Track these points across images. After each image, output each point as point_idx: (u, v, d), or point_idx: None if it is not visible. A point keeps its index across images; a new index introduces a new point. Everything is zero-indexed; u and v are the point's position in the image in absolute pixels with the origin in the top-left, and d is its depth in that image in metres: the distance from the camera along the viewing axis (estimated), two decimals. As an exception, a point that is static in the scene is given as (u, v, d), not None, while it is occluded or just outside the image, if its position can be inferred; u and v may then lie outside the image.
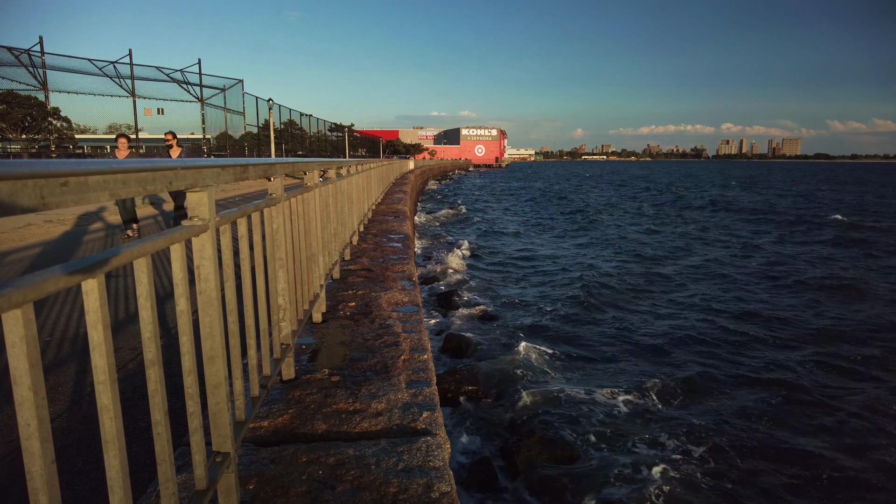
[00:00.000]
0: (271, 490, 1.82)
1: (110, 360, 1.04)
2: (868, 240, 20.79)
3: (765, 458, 5.98)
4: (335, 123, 52.59)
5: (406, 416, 2.33)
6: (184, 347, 1.44)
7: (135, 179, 1.13)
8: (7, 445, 2.73)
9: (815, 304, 12.04)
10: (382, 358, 3.00)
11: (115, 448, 1.04)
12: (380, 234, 7.93)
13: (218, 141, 27.74)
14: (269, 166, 2.31)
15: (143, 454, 2.44)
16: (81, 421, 2.94)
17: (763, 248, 19.26)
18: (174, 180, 1.34)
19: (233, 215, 1.79)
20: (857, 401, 7.30)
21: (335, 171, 4.56)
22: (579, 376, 8.23)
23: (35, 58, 20.18)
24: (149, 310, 1.24)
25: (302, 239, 2.99)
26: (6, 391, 3.38)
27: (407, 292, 4.48)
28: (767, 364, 8.58)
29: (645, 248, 19.28)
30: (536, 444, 5.94)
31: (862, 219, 24.87)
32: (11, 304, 0.77)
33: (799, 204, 37.87)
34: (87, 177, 0.96)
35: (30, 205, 0.81)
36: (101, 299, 1.01)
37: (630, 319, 11.09)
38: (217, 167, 1.61)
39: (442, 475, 1.89)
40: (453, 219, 28.47)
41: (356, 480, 1.86)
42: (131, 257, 1.15)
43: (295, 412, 2.36)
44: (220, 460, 1.63)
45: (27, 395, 0.81)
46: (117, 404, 1.05)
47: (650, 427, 6.67)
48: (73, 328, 4.57)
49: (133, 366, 3.71)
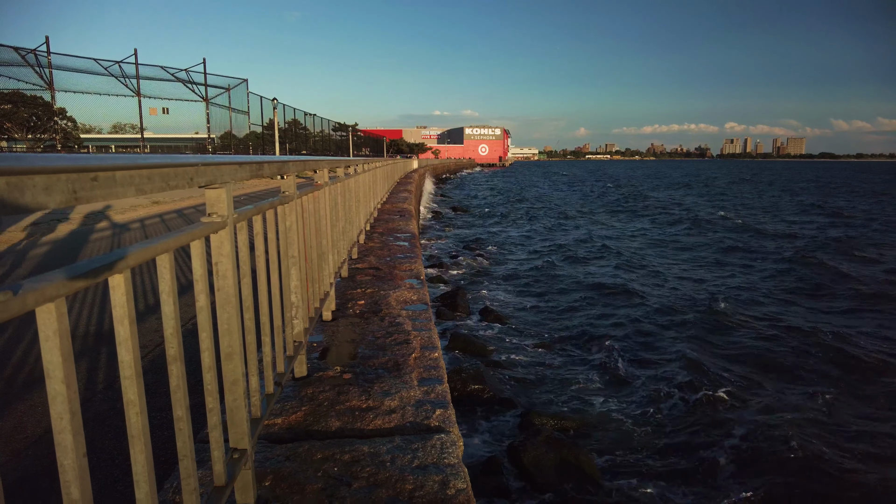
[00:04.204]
0: (287, 487, 1.82)
1: (136, 354, 1.04)
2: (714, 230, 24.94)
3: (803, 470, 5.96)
4: (339, 123, 52.59)
5: (419, 413, 2.33)
6: (203, 344, 1.44)
7: (159, 175, 1.13)
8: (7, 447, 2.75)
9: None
10: (394, 355, 3.00)
11: (142, 442, 1.04)
12: (386, 232, 7.93)
13: (222, 140, 27.78)
14: (282, 164, 2.31)
15: (157, 450, 2.45)
16: (94, 419, 2.96)
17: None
18: (195, 176, 1.34)
19: (249, 212, 1.80)
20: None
21: (343, 170, 4.57)
22: (588, 376, 8.22)
23: (41, 57, 20.24)
24: (171, 305, 1.24)
25: (313, 237, 3.00)
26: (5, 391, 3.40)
27: (415, 290, 4.48)
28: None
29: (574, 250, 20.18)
30: (543, 444, 5.93)
31: (737, 216, 28.82)
32: (45, 298, 0.77)
33: (714, 202, 41.16)
34: (114, 172, 0.96)
35: (62, 199, 0.81)
36: (128, 294, 1.01)
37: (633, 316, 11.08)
38: (235, 164, 1.62)
39: (457, 472, 1.89)
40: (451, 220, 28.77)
41: (372, 477, 1.86)
42: (154, 253, 1.16)
43: (308, 409, 2.36)
44: (238, 457, 1.64)
45: (60, 388, 0.81)
46: (143, 399, 1.05)
47: (658, 428, 6.65)
48: (83, 325, 4.59)
49: (144, 363, 3.73)
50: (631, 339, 9.90)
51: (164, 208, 13.50)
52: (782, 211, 33.96)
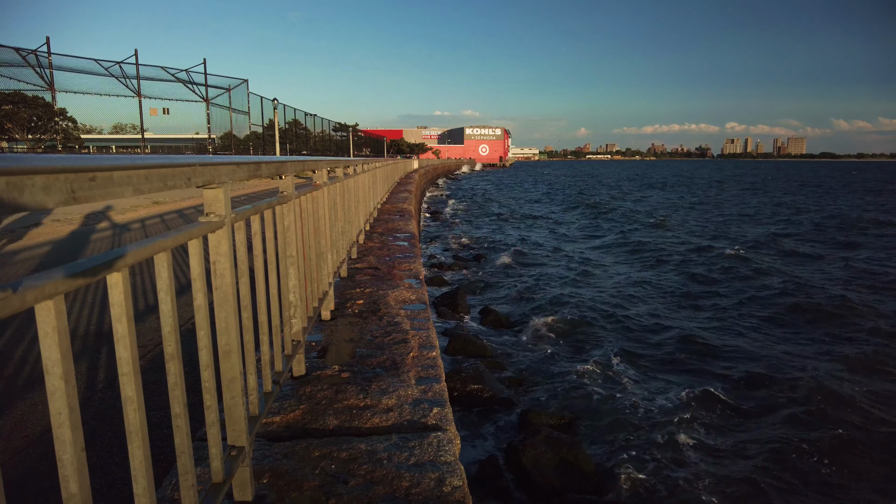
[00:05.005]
0: (285, 484, 1.84)
1: (134, 352, 1.06)
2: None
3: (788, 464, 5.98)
4: (339, 123, 52.59)
5: (416, 411, 2.34)
6: (201, 342, 1.45)
7: (157, 175, 1.15)
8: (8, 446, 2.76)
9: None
10: (392, 355, 3.02)
11: (140, 439, 1.06)
12: (386, 232, 7.95)
13: (223, 141, 27.80)
14: (280, 164, 2.33)
15: (156, 447, 2.47)
16: (95, 416, 2.98)
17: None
18: (192, 177, 1.36)
19: (247, 212, 1.81)
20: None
21: (342, 170, 4.58)
22: (587, 375, 8.23)
23: (42, 58, 20.27)
24: (169, 304, 1.25)
25: (311, 236, 3.02)
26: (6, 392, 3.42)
27: (414, 290, 4.49)
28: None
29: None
30: (542, 443, 5.94)
31: (665, 219, 29.00)
32: (44, 296, 0.79)
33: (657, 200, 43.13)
34: (112, 172, 0.98)
35: (60, 199, 0.83)
36: (126, 292, 1.02)
37: (637, 319, 11.09)
38: (233, 164, 1.64)
39: (453, 470, 1.90)
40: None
41: (369, 475, 1.88)
42: (152, 252, 1.17)
43: (306, 408, 2.38)
44: (236, 454, 1.66)
45: (58, 384, 0.83)
46: (141, 396, 1.06)
47: (659, 427, 6.66)
48: (84, 325, 4.61)
49: (144, 362, 3.74)
50: (631, 339, 9.91)
51: (165, 208, 13.53)
52: (711, 213, 34.00)
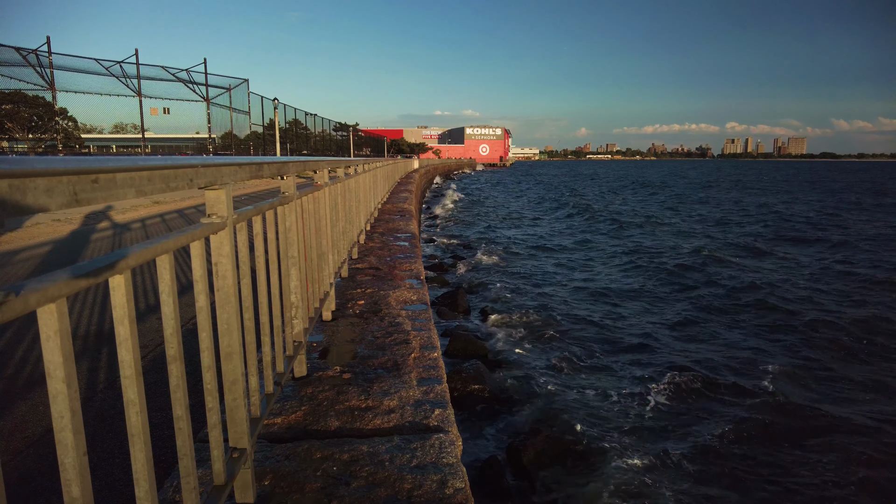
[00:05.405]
0: (286, 486, 1.83)
1: (136, 354, 1.05)
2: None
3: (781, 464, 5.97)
4: (340, 123, 52.57)
5: (418, 413, 2.34)
6: (203, 344, 1.45)
7: (159, 177, 1.14)
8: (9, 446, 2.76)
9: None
10: (393, 355, 3.01)
11: (141, 441, 1.05)
12: (386, 232, 7.95)
13: (223, 140, 27.80)
14: (282, 164, 2.32)
15: (157, 449, 2.46)
16: (95, 417, 2.97)
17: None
18: (195, 178, 1.35)
19: (249, 213, 1.81)
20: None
21: (343, 170, 4.58)
22: (586, 374, 8.22)
23: (42, 58, 20.27)
24: (171, 306, 1.25)
25: (313, 237, 3.01)
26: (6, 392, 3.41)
27: (415, 290, 4.49)
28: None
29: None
30: (543, 443, 5.94)
31: (622, 215, 30.21)
32: (47, 299, 0.78)
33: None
34: (115, 174, 0.97)
35: (63, 201, 0.82)
36: (128, 294, 1.02)
37: (627, 316, 11.08)
38: (234, 165, 1.63)
39: (456, 472, 1.90)
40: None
41: (371, 477, 1.88)
42: (154, 254, 1.17)
43: (308, 409, 2.38)
44: (237, 456, 1.65)
45: (61, 387, 0.82)
46: (143, 399, 1.06)
47: (659, 426, 6.66)
48: (85, 326, 4.60)
49: (145, 363, 3.74)
50: (632, 340, 9.90)
51: (165, 208, 13.53)
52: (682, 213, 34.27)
